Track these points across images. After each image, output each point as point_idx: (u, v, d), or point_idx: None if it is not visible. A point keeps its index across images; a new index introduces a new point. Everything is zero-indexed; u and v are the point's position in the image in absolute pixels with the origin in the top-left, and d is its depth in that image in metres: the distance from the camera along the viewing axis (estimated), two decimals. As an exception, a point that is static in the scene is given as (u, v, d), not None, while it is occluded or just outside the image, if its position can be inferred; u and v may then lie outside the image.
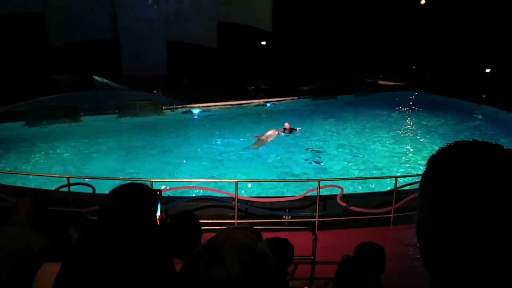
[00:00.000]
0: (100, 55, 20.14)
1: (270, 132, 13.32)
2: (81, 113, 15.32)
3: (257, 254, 0.99)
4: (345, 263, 2.30)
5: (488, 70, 22.53)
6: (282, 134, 13.48)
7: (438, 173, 0.79)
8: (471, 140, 0.82)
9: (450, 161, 0.78)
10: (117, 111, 15.95)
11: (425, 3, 25.91)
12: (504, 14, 22.01)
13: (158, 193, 2.78)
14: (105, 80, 19.18)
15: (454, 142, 0.83)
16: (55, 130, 13.81)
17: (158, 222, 2.82)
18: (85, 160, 11.28)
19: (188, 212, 2.79)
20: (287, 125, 13.76)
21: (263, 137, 13.01)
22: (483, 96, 18.95)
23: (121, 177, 8.98)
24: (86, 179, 7.77)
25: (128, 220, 1.71)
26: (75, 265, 1.75)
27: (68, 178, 7.12)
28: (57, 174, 8.42)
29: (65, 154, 11.73)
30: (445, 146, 0.83)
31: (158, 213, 2.80)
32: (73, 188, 7.25)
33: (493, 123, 15.84)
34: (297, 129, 13.90)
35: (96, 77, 19.94)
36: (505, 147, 0.79)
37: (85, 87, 17.61)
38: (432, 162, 0.82)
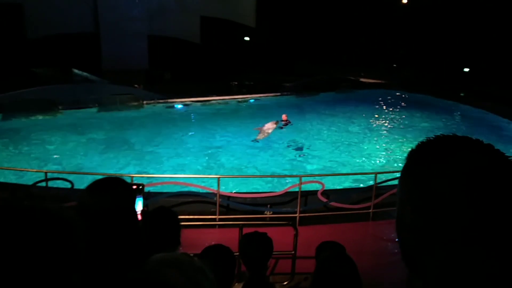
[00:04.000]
0: (80, 48, 19.73)
1: (269, 124, 13.50)
2: (60, 107, 15.02)
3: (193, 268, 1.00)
4: (325, 259, 2.31)
5: (466, 70, 23.01)
6: (281, 125, 13.73)
7: (417, 168, 0.77)
8: (450, 135, 0.81)
9: (429, 156, 0.77)
10: (96, 105, 15.70)
11: (406, 2, 26.25)
12: (482, 15, 22.51)
13: (140, 187, 2.75)
14: (85, 74, 18.83)
15: (433, 136, 0.81)
16: (32, 124, 13.51)
17: (140, 217, 2.80)
18: (64, 154, 11.07)
19: (165, 207, 2.77)
20: (284, 116, 13.99)
21: (264, 129, 13.19)
22: (462, 95, 19.37)
23: (100, 172, 8.85)
24: (65, 174, 7.63)
25: (106, 216, 1.68)
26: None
27: (45, 173, 6.99)
28: (35, 168, 8.25)
29: (43, 149, 11.49)
30: (424, 140, 0.82)
31: (141, 208, 2.78)
32: (51, 183, 7.11)
33: (470, 121, 16.20)
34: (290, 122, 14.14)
35: (76, 71, 19.55)
36: (484, 142, 0.77)
37: (64, 81, 17.24)
38: (412, 156, 0.81)
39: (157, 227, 2.43)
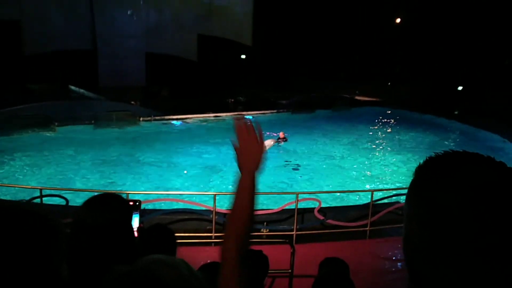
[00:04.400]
0: (77, 65, 19.85)
1: (267, 142, 13.53)
2: (56, 123, 14.99)
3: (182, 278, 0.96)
4: (322, 278, 2.31)
5: (460, 88, 23.31)
6: (279, 143, 13.85)
7: (426, 184, 0.75)
8: (460, 150, 0.79)
9: (438, 171, 0.75)
10: (93, 121, 15.69)
11: (400, 22, 26.73)
12: (475, 34, 22.93)
13: (137, 204, 2.73)
14: (81, 90, 18.90)
15: (442, 151, 0.79)
16: (28, 140, 13.46)
17: (136, 233, 2.77)
18: (59, 171, 11.01)
19: (161, 224, 2.76)
20: (281, 134, 14.06)
21: None
22: (456, 112, 19.56)
23: (96, 189, 8.79)
24: (60, 191, 7.57)
25: (103, 232, 1.67)
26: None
27: (40, 190, 6.93)
28: (30, 185, 8.19)
29: (39, 165, 11.42)
30: (433, 155, 0.79)
31: (137, 224, 2.76)
32: (46, 200, 7.05)
33: (465, 139, 16.32)
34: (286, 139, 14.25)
35: (73, 87, 19.62)
36: (495, 159, 0.75)
37: (61, 97, 17.28)
38: (420, 172, 0.78)
39: (153, 244, 2.41)
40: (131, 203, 2.97)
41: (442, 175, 0.73)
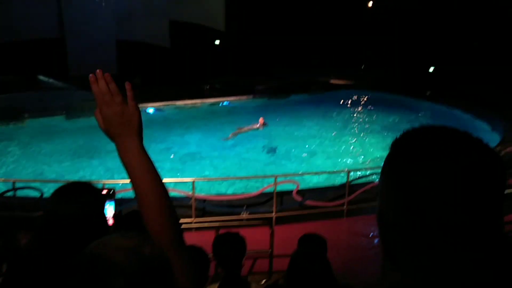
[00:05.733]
0: (45, 54, 19.18)
1: (246, 128, 13.69)
2: (26, 115, 14.53)
3: (143, 259, 0.89)
4: (297, 256, 2.36)
5: (431, 69, 23.80)
6: (258, 128, 13.92)
7: (400, 159, 0.74)
8: (435, 125, 0.77)
9: (413, 146, 0.73)
10: (64, 112, 15.28)
11: (371, 6, 26.96)
12: (446, 15, 23.38)
13: (111, 192, 2.71)
14: (51, 80, 18.30)
15: (419, 126, 0.77)
16: (-3, 133, 13.04)
17: (112, 222, 2.74)
18: (32, 163, 10.73)
19: (138, 211, 2.74)
20: (261, 120, 14.05)
21: (242, 130, 13.50)
22: (428, 93, 20.00)
23: (71, 179, 8.63)
24: (33, 183, 7.40)
25: (73, 222, 1.64)
26: (19, 272, 1.67)
27: (13, 182, 6.76)
28: (2, 178, 7.97)
29: (10, 158, 11.10)
30: (409, 130, 0.77)
31: (112, 212, 2.74)
32: (19, 193, 6.89)
33: (438, 119, 16.74)
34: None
35: (42, 77, 18.98)
36: (473, 136, 0.73)
37: (30, 88, 16.71)
38: (395, 146, 0.76)
39: (130, 231, 2.39)
40: (104, 191, 2.95)
41: (417, 150, 0.71)
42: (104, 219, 1.84)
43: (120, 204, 6.80)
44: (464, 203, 0.67)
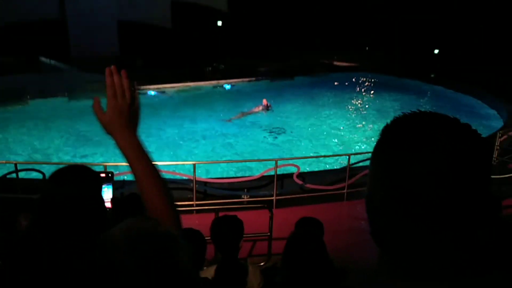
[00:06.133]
0: (47, 36, 19.05)
1: (251, 109, 13.79)
2: (28, 97, 14.52)
3: (157, 237, 0.92)
4: (293, 238, 2.37)
5: (436, 51, 23.50)
6: (262, 110, 13.88)
7: (390, 145, 0.74)
8: (426, 111, 0.76)
9: (403, 133, 0.73)
10: (66, 94, 15.26)
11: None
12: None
13: (110, 175, 2.73)
14: (52, 62, 18.23)
15: (410, 112, 0.77)
16: (0, 115, 13.04)
17: (110, 205, 2.76)
18: (34, 145, 10.78)
19: (136, 193, 2.75)
20: (264, 101, 14.04)
21: (245, 113, 13.53)
22: (432, 76, 19.81)
23: (74, 161, 8.68)
24: (35, 165, 7.45)
25: (70, 205, 1.64)
26: (19, 254, 1.69)
27: (15, 164, 6.80)
28: (3, 160, 8.02)
29: (12, 140, 11.14)
30: (400, 116, 0.77)
31: (110, 195, 2.76)
32: (22, 175, 6.94)
33: (441, 101, 16.63)
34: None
35: (43, 58, 18.89)
36: (461, 121, 0.73)
37: (32, 69, 16.65)
38: (386, 132, 0.78)
39: (128, 214, 2.40)
40: (103, 174, 2.95)
41: (406, 136, 0.72)
42: (102, 202, 1.85)
43: (122, 186, 6.86)
44: (448, 187, 0.68)
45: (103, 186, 2.74)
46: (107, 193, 2.71)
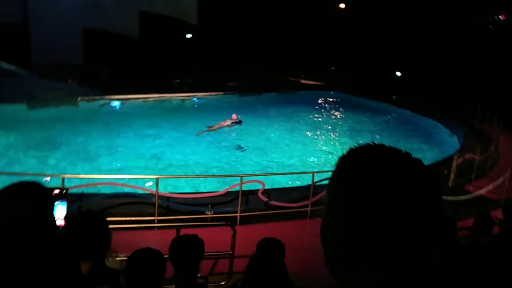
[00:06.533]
0: (8, 40, 18.29)
1: (220, 123, 13.65)
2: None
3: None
4: (254, 260, 2.36)
5: (398, 74, 24.44)
6: (231, 125, 13.83)
7: (344, 178, 0.77)
8: (380, 144, 0.80)
9: (356, 167, 0.76)
10: (26, 100, 14.64)
11: (344, 7, 27.38)
12: (411, 23, 24.06)
13: (64, 191, 2.62)
14: (12, 67, 17.48)
15: (364, 144, 0.81)
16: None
17: (63, 222, 2.64)
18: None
19: (91, 211, 2.64)
20: (234, 116, 13.98)
21: (214, 127, 13.39)
22: (394, 97, 20.53)
23: (31, 172, 8.29)
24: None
25: (19, 222, 1.58)
26: None
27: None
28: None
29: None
30: (354, 148, 0.81)
31: (63, 212, 2.64)
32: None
33: (401, 122, 17.23)
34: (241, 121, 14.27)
35: (3, 63, 18.10)
36: (413, 156, 0.77)
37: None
38: (341, 164, 0.80)
39: (81, 233, 2.28)
40: (56, 191, 2.83)
41: (360, 171, 0.75)
42: (53, 219, 1.78)
43: (80, 199, 6.60)
44: (397, 218, 0.71)
45: (57, 203, 2.62)
46: (60, 210, 2.60)
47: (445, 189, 8.80)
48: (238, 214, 7.07)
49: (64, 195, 2.65)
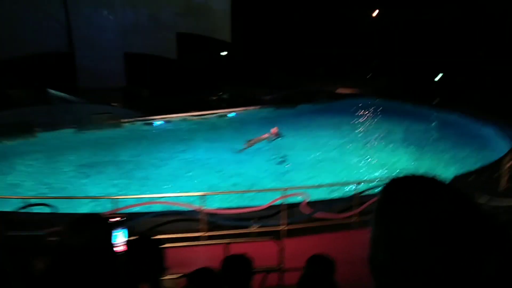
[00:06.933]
0: (55, 68, 19.45)
1: (260, 137, 13.70)
2: (37, 129, 14.70)
3: None
4: (304, 278, 2.38)
5: (438, 77, 23.70)
6: (271, 138, 13.83)
7: (388, 209, 0.83)
8: (420, 175, 0.86)
9: (400, 199, 0.82)
10: (74, 125, 15.45)
11: (376, 15, 27.07)
12: (448, 26, 23.40)
13: (123, 219, 2.87)
14: (61, 94, 18.53)
15: (405, 176, 0.87)
16: (9, 148, 13.17)
17: (125, 248, 2.83)
18: (43, 179, 10.83)
19: (146, 236, 2.79)
20: (274, 129, 14.00)
21: (253, 141, 13.41)
22: (435, 101, 19.90)
23: (81, 196, 8.72)
24: (44, 200, 7.48)
25: (83, 253, 1.80)
26: None
27: (26, 199, 6.84)
28: (15, 195, 8.07)
29: (21, 174, 11.22)
30: (396, 178, 0.87)
31: (125, 239, 2.85)
32: (32, 209, 6.97)
33: (445, 126, 16.64)
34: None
35: (51, 91, 19.23)
36: (452, 186, 0.82)
37: (40, 102, 16.91)
38: (385, 195, 0.86)
39: (140, 257, 2.43)
40: (117, 218, 3.14)
41: (404, 204, 0.80)
42: (111, 248, 2.00)
43: (131, 219, 6.86)
44: (442, 255, 0.75)
45: (117, 230, 2.96)
46: (120, 237, 2.88)
47: (496, 193, 8.42)
48: (282, 228, 7.08)
49: (123, 223, 2.89)
